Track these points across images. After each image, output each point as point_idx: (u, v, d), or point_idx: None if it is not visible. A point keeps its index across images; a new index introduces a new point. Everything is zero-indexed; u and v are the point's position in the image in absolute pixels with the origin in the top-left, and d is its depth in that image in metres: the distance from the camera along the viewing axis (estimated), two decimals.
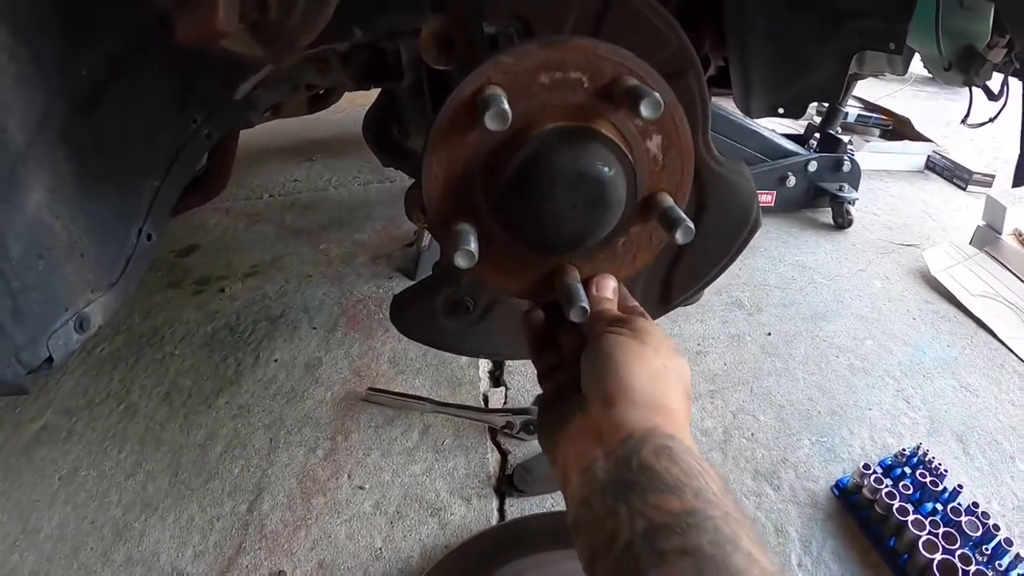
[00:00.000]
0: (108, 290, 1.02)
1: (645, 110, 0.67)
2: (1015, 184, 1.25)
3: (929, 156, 3.66)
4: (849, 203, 2.93)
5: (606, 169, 0.73)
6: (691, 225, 0.76)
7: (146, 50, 0.99)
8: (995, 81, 1.67)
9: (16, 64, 0.82)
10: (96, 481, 1.74)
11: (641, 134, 0.76)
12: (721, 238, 1.07)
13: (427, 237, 2.50)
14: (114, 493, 1.70)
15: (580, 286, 0.80)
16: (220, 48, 0.83)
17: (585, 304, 0.77)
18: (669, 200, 0.79)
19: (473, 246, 0.71)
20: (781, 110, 1.50)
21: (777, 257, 2.68)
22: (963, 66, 1.53)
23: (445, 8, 0.88)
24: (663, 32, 0.85)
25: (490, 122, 0.65)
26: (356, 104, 3.56)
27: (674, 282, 1.10)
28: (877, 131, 3.86)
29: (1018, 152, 1.38)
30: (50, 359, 0.92)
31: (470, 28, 0.84)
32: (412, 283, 2.42)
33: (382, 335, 2.25)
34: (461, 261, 0.71)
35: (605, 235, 0.79)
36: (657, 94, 0.67)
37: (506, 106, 0.65)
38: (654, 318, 1.13)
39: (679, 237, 0.76)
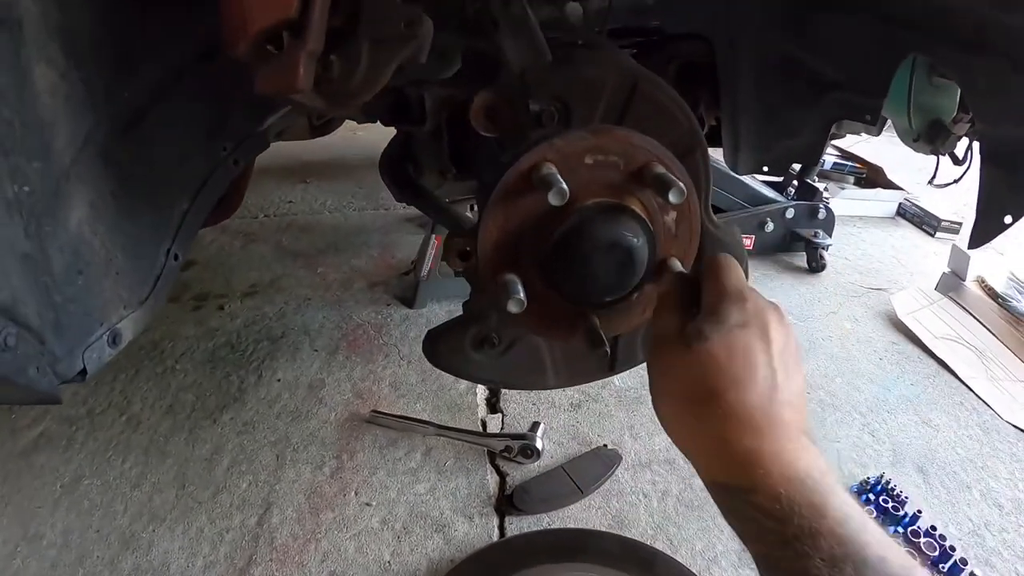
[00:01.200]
0: (139, 307, 1.04)
1: (672, 197, 0.81)
2: (971, 246, 1.36)
3: (900, 203, 3.82)
4: (823, 248, 3.07)
5: (635, 240, 0.86)
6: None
7: (185, 79, 1.04)
8: (960, 146, 1.80)
9: (68, 84, 0.86)
10: (100, 490, 1.77)
11: (661, 210, 0.91)
12: None
13: (426, 268, 2.59)
14: (119, 503, 1.74)
15: (601, 332, 0.94)
16: (287, 99, 0.92)
17: (607, 348, 0.90)
18: (679, 265, 0.94)
19: (522, 295, 0.84)
20: (766, 168, 1.63)
21: None
22: (931, 137, 1.66)
23: (493, 83, 0.99)
24: (677, 117, 0.99)
25: (553, 199, 0.78)
26: (348, 130, 3.64)
27: None
28: (852, 178, 4.02)
29: (975, 215, 1.51)
30: (83, 371, 0.94)
31: (517, 104, 0.96)
32: (410, 309, 2.56)
33: (383, 360, 2.32)
34: (513, 308, 0.84)
35: (626, 292, 0.93)
36: (681, 184, 0.81)
37: (565, 186, 0.78)
38: None
39: None
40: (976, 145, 1.66)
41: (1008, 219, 1.37)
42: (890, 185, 3.93)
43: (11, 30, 0.80)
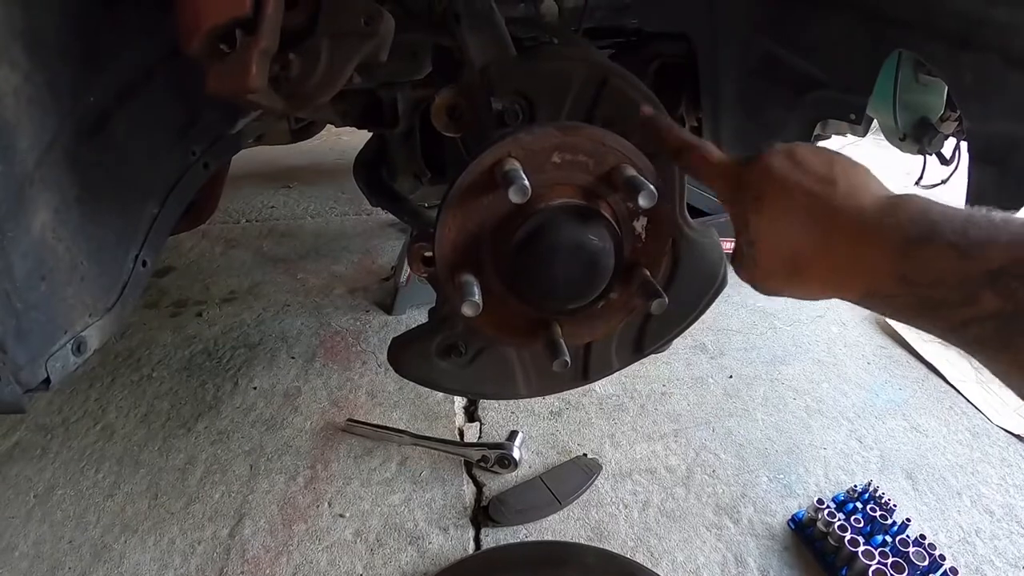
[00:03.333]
0: (105, 314, 1.03)
1: (642, 200, 0.77)
2: None
3: None
4: None
5: (600, 244, 0.82)
6: (665, 299, 0.86)
7: (154, 81, 1.03)
8: (947, 146, 1.78)
9: (31, 86, 0.85)
10: (73, 500, 1.76)
11: (630, 215, 0.87)
12: (691, 295, 1.16)
13: (405, 274, 2.56)
14: (92, 513, 1.72)
15: (562, 341, 0.90)
16: (242, 99, 0.89)
17: (567, 358, 0.86)
18: (647, 274, 0.90)
19: (478, 297, 0.80)
20: None
21: (739, 303, 2.76)
22: (917, 136, 1.64)
23: (456, 80, 0.96)
24: None
25: (513, 195, 0.74)
26: (332, 133, 3.62)
27: (647, 334, 1.19)
28: None
29: None
30: (47, 380, 0.92)
31: (479, 102, 0.92)
32: (389, 315, 2.53)
33: (360, 367, 2.30)
34: (468, 310, 0.80)
35: (591, 299, 0.89)
36: (653, 187, 0.77)
37: (527, 183, 0.74)
38: (628, 366, 1.23)
39: (654, 308, 0.86)
40: (964, 144, 1.64)
41: None
42: None
43: None
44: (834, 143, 3.88)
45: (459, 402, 2.14)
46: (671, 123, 0.86)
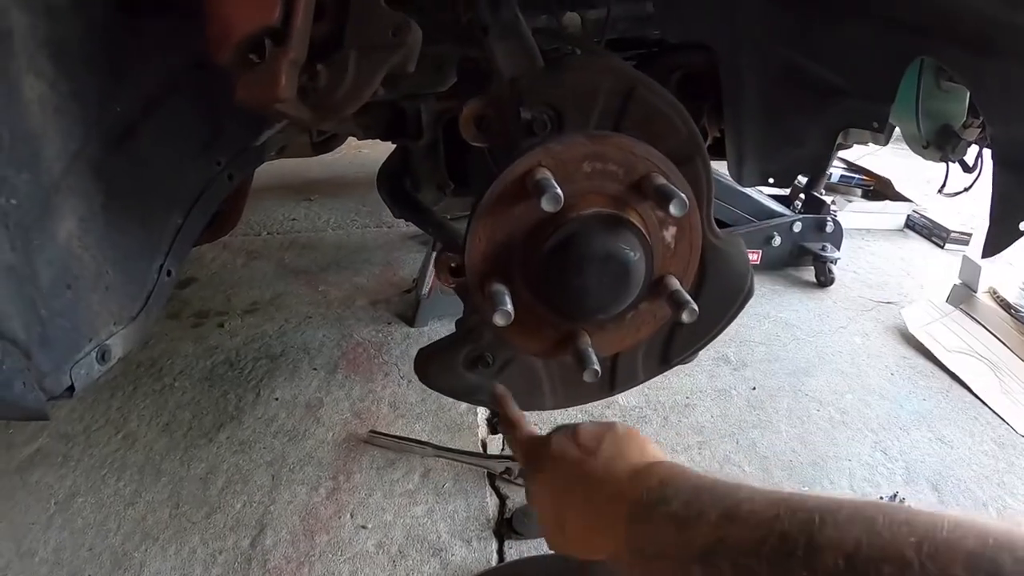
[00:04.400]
0: (129, 323, 1.03)
1: (674, 209, 0.77)
2: (984, 255, 1.33)
3: (909, 215, 3.79)
4: (831, 262, 3.04)
5: (632, 254, 0.82)
6: (696, 307, 0.85)
7: (179, 91, 1.03)
8: (970, 153, 1.77)
9: (57, 95, 0.86)
10: (94, 508, 1.76)
11: (660, 224, 0.86)
12: (718, 306, 1.15)
13: (427, 286, 2.56)
14: (113, 521, 1.72)
15: (592, 351, 0.89)
16: (271, 109, 0.89)
17: (597, 367, 0.86)
18: (677, 284, 0.89)
19: (509, 307, 0.80)
20: (771, 179, 1.60)
21: (762, 314, 2.76)
22: (940, 143, 1.63)
23: (484, 91, 0.96)
24: (675, 123, 0.95)
25: (546, 204, 0.74)
26: (352, 147, 3.64)
27: (674, 345, 1.18)
28: (859, 191, 4.00)
29: (988, 223, 1.47)
30: (71, 388, 0.93)
31: (507, 113, 0.92)
32: (411, 327, 2.53)
33: (382, 379, 2.30)
34: (499, 320, 0.80)
35: (621, 310, 0.89)
36: (684, 196, 0.77)
37: (559, 191, 0.74)
38: (653, 377, 1.22)
39: (685, 317, 0.86)
40: (987, 152, 1.63)
41: (1023, 226, 1.33)
42: (898, 197, 3.90)
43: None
44: (853, 153, 3.89)
45: (482, 414, 2.14)
46: (507, 398, 0.93)
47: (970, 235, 3.52)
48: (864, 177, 4.03)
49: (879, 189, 3.99)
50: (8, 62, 0.81)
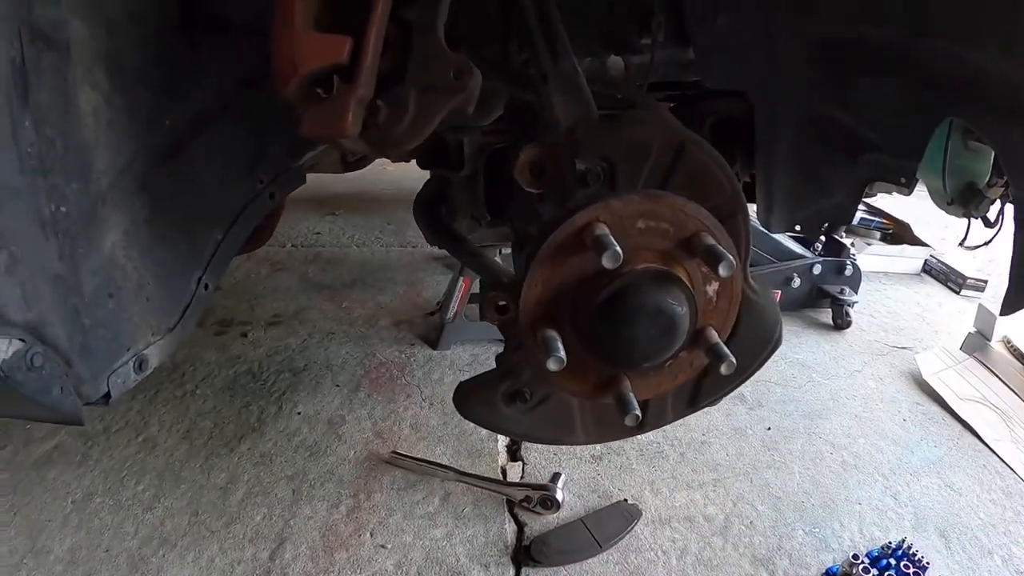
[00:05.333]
0: (167, 334, 1.05)
1: (723, 270, 0.81)
2: (1003, 312, 1.34)
3: (926, 260, 3.82)
4: (849, 305, 3.07)
5: (679, 308, 0.86)
6: (734, 360, 0.89)
7: (228, 110, 1.06)
8: (992, 208, 1.80)
9: (111, 109, 0.89)
10: (112, 510, 1.78)
11: (704, 279, 0.90)
12: (748, 354, 1.18)
13: (452, 310, 2.60)
14: (130, 524, 1.74)
15: (632, 395, 0.93)
16: (332, 142, 0.93)
17: (639, 412, 0.90)
18: (716, 336, 0.93)
19: (562, 353, 0.84)
20: (798, 227, 1.63)
21: (779, 355, 2.71)
22: (964, 201, 1.66)
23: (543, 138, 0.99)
24: (721, 181, 0.98)
25: (607, 261, 0.78)
26: (378, 165, 3.69)
27: (702, 389, 1.22)
28: (878, 234, 4.02)
29: (1008, 281, 1.50)
30: (107, 395, 0.96)
31: (563, 161, 0.96)
32: (433, 350, 2.56)
33: (404, 400, 2.33)
34: (553, 365, 0.83)
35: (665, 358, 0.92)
36: (732, 258, 0.81)
37: (619, 249, 0.78)
38: (680, 418, 1.25)
39: (724, 370, 0.89)
40: (1009, 208, 1.65)
41: None
42: (916, 241, 3.92)
43: (59, 51, 0.83)
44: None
45: (502, 441, 2.16)
46: None
47: (986, 282, 3.54)
48: (883, 220, 4.06)
49: (897, 233, 4.02)
50: (66, 73, 0.84)
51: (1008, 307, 1.37)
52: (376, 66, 0.86)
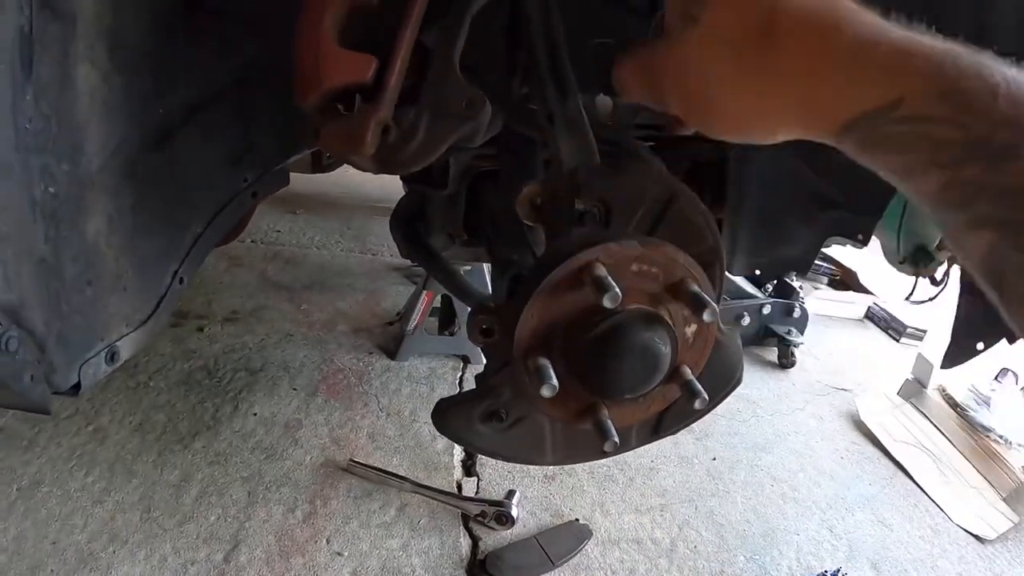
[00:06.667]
0: (140, 326, 1.02)
1: (706, 316, 0.88)
2: (943, 366, 1.43)
3: (869, 307, 3.97)
4: (795, 346, 3.19)
5: (664, 347, 0.92)
6: (707, 396, 0.96)
7: (221, 101, 1.04)
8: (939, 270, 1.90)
9: (107, 88, 0.86)
10: (60, 500, 1.74)
11: (684, 322, 0.97)
12: (711, 390, 1.24)
13: (413, 322, 2.62)
14: (79, 517, 1.71)
15: (610, 423, 0.99)
16: (343, 157, 0.93)
17: (616, 439, 0.95)
18: (690, 374, 0.99)
19: (555, 381, 0.89)
20: (758, 271, 1.71)
21: None
22: (915, 261, 1.75)
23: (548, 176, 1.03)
24: (705, 233, 1.05)
25: (607, 301, 0.83)
26: (340, 168, 3.68)
27: (665, 420, 1.27)
28: (825, 279, 4.19)
29: (950, 338, 1.58)
30: (77, 385, 0.92)
31: (563, 200, 1.01)
32: (391, 360, 2.57)
33: (362, 408, 2.33)
34: (546, 392, 0.88)
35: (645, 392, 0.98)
36: (715, 305, 0.87)
37: (618, 291, 0.83)
38: (643, 446, 1.31)
39: (697, 405, 0.96)
40: (955, 269, 1.74)
41: (980, 346, 1.44)
42: (861, 289, 4.08)
43: (64, 23, 0.80)
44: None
45: (458, 455, 2.19)
46: None
47: (925, 332, 3.71)
48: (832, 267, 4.23)
49: (844, 279, 4.19)
50: (68, 47, 0.81)
51: (947, 363, 1.45)
52: (398, 90, 0.88)
